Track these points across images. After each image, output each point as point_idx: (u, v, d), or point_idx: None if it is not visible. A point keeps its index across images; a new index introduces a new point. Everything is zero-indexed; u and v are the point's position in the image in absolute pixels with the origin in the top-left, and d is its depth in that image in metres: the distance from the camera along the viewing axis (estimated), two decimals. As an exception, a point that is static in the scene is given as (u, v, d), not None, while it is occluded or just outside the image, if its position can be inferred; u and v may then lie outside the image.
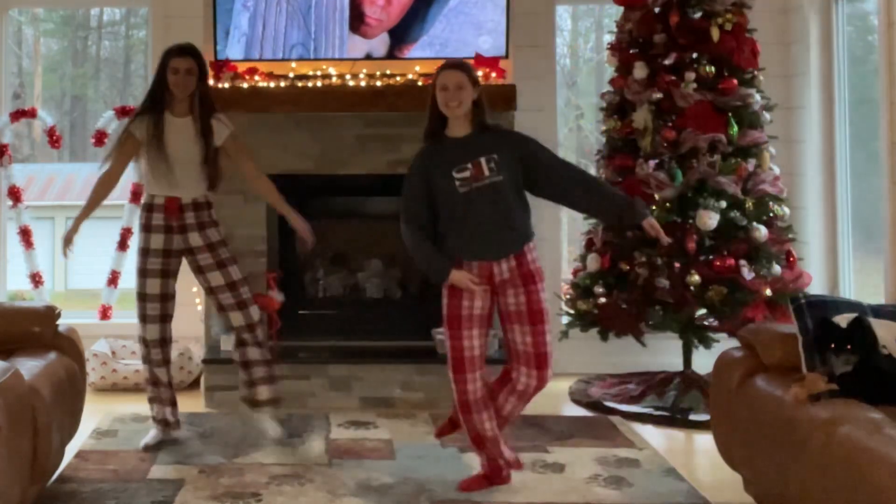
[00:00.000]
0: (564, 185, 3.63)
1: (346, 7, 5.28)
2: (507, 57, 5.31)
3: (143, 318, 4.23)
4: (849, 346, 3.10)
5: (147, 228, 4.22)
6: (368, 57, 5.33)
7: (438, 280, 3.59)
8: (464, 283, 3.52)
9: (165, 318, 4.26)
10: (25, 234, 5.99)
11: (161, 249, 4.20)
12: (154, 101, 4.18)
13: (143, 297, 4.22)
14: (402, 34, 5.32)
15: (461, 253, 3.57)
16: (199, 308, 5.50)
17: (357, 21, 5.30)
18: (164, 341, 4.27)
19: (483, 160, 3.53)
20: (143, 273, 4.22)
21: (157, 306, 4.22)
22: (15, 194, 5.97)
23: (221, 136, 4.22)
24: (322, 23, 5.31)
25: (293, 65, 5.31)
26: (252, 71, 5.25)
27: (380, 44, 5.33)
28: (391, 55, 5.33)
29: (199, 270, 4.26)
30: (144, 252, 4.21)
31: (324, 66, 5.31)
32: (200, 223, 4.23)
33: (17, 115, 6.01)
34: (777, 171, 5.06)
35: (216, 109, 4.25)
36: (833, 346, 3.12)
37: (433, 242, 3.60)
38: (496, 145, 3.57)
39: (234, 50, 5.31)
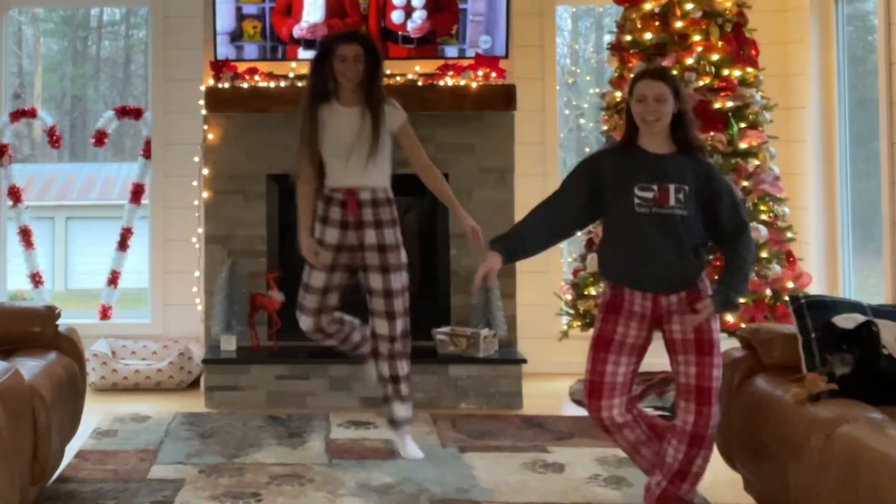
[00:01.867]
0: (725, 234, 3.27)
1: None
2: (506, 57, 5.32)
3: (301, 308, 4.09)
4: (845, 346, 3.10)
5: (323, 221, 4.03)
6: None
7: (491, 247, 3.31)
8: (487, 266, 3.26)
9: (321, 310, 4.08)
10: (25, 234, 5.99)
11: (335, 245, 4.03)
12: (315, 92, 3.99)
13: (307, 287, 4.07)
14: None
15: (622, 279, 3.27)
16: (199, 308, 5.50)
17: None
18: (322, 324, 4.11)
19: (672, 188, 3.17)
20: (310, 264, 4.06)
21: (314, 299, 4.05)
22: (15, 194, 5.97)
23: (395, 122, 4.04)
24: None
25: (293, 65, 5.31)
26: (252, 71, 5.25)
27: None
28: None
29: (364, 269, 4.06)
30: (318, 243, 4.04)
31: (324, 66, 5.31)
32: (377, 222, 4.02)
33: (17, 115, 6.02)
34: (777, 171, 5.06)
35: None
36: (843, 346, 3.11)
37: (540, 235, 3.34)
38: (690, 175, 3.20)
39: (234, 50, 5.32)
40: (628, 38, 5.21)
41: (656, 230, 3.17)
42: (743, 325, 4.35)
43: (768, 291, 4.82)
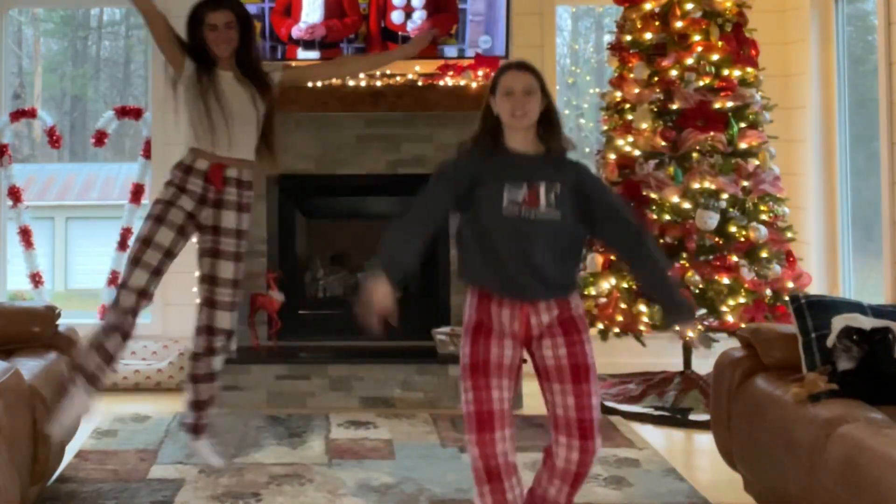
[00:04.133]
0: (619, 241, 3.01)
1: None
2: (506, 57, 5.31)
3: (136, 262, 3.65)
4: (856, 337, 3.09)
5: (181, 188, 3.70)
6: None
7: (373, 268, 2.92)
8: (378, 299, 2.85)
9: (159, 272, 3.70)
10: (25, 234, 5.99)
11: (188, 211, 3.70)
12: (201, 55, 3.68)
13: (147, 241, 3.66)
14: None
15: (489, 285, 2.91)
16: (199, 308, 5.49)
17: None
18: (145, 294, 3.68)
19: (543, 187, 2.86)
20: (158, 219, 3.67)
21: (157, 256, 3.67)
22: (15, 194, 5.97)
23: (276, 76, 3.80)
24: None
25: (293, 64, 5.30)
26: (252, 71, 5.25)
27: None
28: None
29: (213, 253, 3.75)
30: (168, 204, 3.68)
31: (324, 66, 5.31)
32: (240, 203, 3.75)
33: (17, 115, 6.02)
34: (777, 171, 5.06)
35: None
36: (854, 337, 3.10)
37: (420, 239, 2.93)
38: (562, 175, 2.91)
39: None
40: (628, 38, 5.21)
41: (526, 233, 2.86)
42: (743, 325, 4.35)
43: (768, 291, 4.83)
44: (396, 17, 5.30)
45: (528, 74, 2.95)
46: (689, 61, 4.98)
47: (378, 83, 5.19)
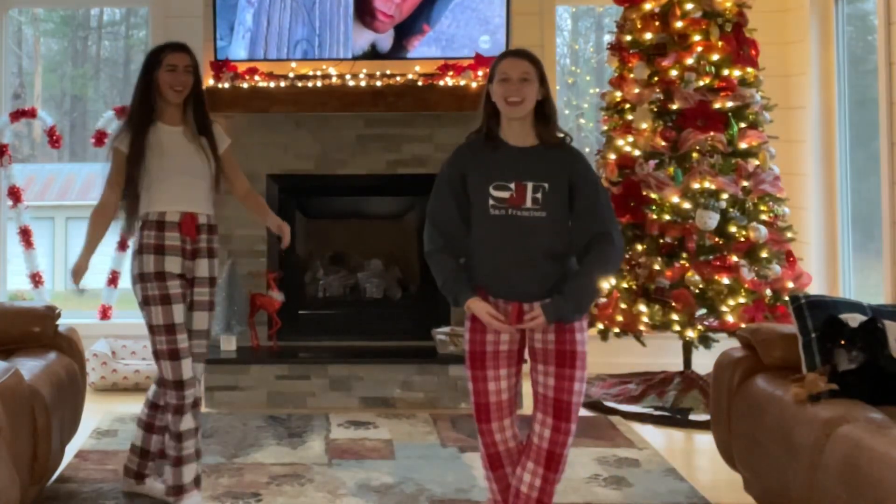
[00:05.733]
0: (579, 238, 2.93)
1: (350, 2, 5.30)
2: (507, 57, 5.31)
3: (175, 355, 3.41)
4: (860, 345, 3.09)
5: (159, 250, 3.45)
6: (373, 48, 5.32)
7: (454, 304, 2.99)
8: (483, 316, 2.89)
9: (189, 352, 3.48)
10: (25, 234, 5.99)
11: (178, 274, 3.47)
12: (143, 110, 3.55)
13: (170, 328, 3.40)
14: (408, 26, 5.33)
15: (485, 284, 2.94)
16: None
17: (366, 15, 5.30)
18: (194, 381, 3.48)
19: (530, 186, 2.86)
20: (165, 299, 3.42)
21: (185, 338, 3.45)
22: (15, 194, 5.97)
23: (222, 145, 3.68)
24: (327, 18, 5.32)
25: (293, 65, 5.31)
26: (252, 71, 5.25)
27: (386, 38, 5.34)
28: (397, 48, 5.32)
29: (187, 306, 3.52)
30: (160, 276, 3.43)
31: (324, 66, 5.32)
32: (210, 249, 3.58)
33: (17, 115, 6.02)
34: (777, 171, 5.06)
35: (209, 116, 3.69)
36: (843, 342, 3.11)
37: (458, 257, 2.99)
38: (553, 171, 2.90)
39: (237, 46, 5.31)
40: (628, 38, 5.21)
41: (511, 234, 2.87)
42: (743, 325, 4.35)
43: (768, 291, 4.83)
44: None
45: (525, 62, 2.93)
46: (689, 61, 4.98)
47: (378, 83, 5.20)
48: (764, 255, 4.86)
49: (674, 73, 4.99)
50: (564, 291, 2.86)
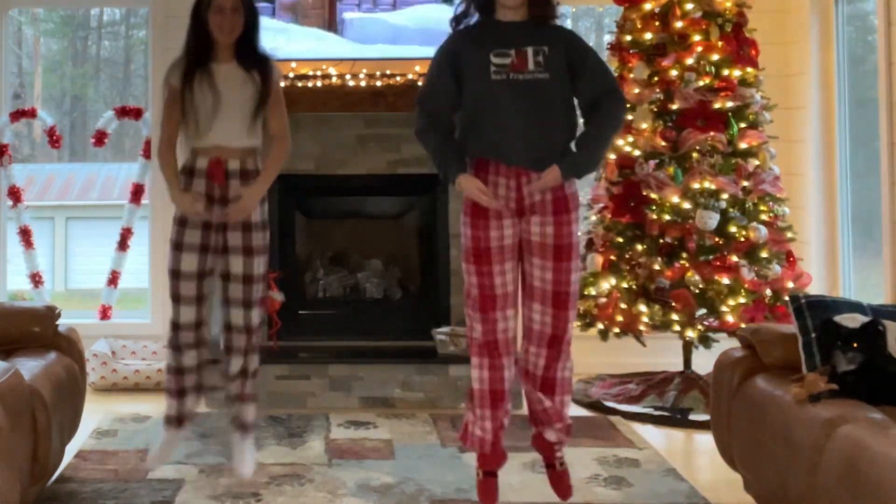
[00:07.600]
0: (586, 96, 3.14)
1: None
2: (507, 57, 5.31)
3: (176, 299, 3.59)
4: (856, 345, 3.09)
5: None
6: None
7: (445, 179, 3.15)
8: (473, 192, 3.03)
9: (202, 298, 3.62)
10: (25, 234, 5.99)
11: (200, 222, 3.57)
12: (194, 48, 3.58)
13: (175, 273, 3.57)
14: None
15: (486, 151, 3.07)
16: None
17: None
18: (200, 324, 3.63)
19: (530, 51, 3.02)
20: (178, 246, 3.57)
21: (191, 286, 3.58)
22: (15, 194, 5.97)
23: (272, 78, 3.69)
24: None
25: (293, 65, 5.31)
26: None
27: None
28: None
29: (223, 251, 3.61)
30: (182, 221, 3.57)
31: (324, 66, 5.32)
32: (247, 248, 3.62)
33: (17, 115, 6.02)
34: (777, 171, 5.06)
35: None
36: (840, 343, 3.11)
37: (449, 135, 3.15)
38: (550, 38, 3.07)
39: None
40: (628, 38, 5.21)
41: (516, 96, 3.02)
42: (743, 325, 4.35)
43: (768, 291, 4.83)
44: None
45: None
46: (689, 61, 4.98)
47: (378, 83, 5.20)
48: (764, 255, 4.86)
49: (674, 73, 4.99)
50: (579, 144, 3.03)
